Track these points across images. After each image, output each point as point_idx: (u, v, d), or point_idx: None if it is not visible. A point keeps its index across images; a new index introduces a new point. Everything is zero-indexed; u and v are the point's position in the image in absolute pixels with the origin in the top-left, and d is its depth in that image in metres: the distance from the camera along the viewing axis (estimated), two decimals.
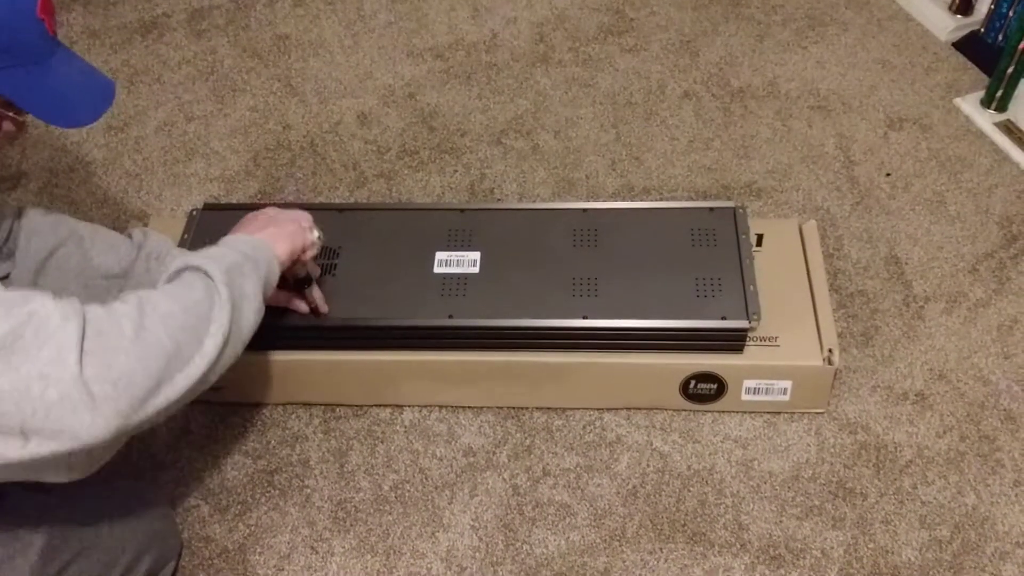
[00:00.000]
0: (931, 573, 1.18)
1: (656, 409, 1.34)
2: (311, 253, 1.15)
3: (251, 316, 0.97)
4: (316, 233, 1.15)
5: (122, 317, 0.84)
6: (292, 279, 1.22)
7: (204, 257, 0.96)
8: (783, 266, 1.36)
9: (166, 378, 0.85)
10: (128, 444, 1.34)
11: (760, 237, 1.39)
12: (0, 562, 0.99)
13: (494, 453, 1.32)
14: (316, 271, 1.27)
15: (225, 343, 0.91)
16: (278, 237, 1.08)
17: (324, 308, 1.27)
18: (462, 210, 1.39)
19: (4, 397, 0.76)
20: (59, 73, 0.89)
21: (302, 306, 1.26)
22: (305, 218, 1.14)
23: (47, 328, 0.78)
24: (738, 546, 1.21)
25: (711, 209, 1.36)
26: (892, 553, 1.20)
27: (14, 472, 0.80)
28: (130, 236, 1.21)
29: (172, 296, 0.90)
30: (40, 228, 1.13)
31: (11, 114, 0.91)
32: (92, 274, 1.16)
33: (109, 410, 0.79)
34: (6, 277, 1.12)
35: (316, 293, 1.26)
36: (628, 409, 1.35)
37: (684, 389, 1.30)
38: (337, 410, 1.37)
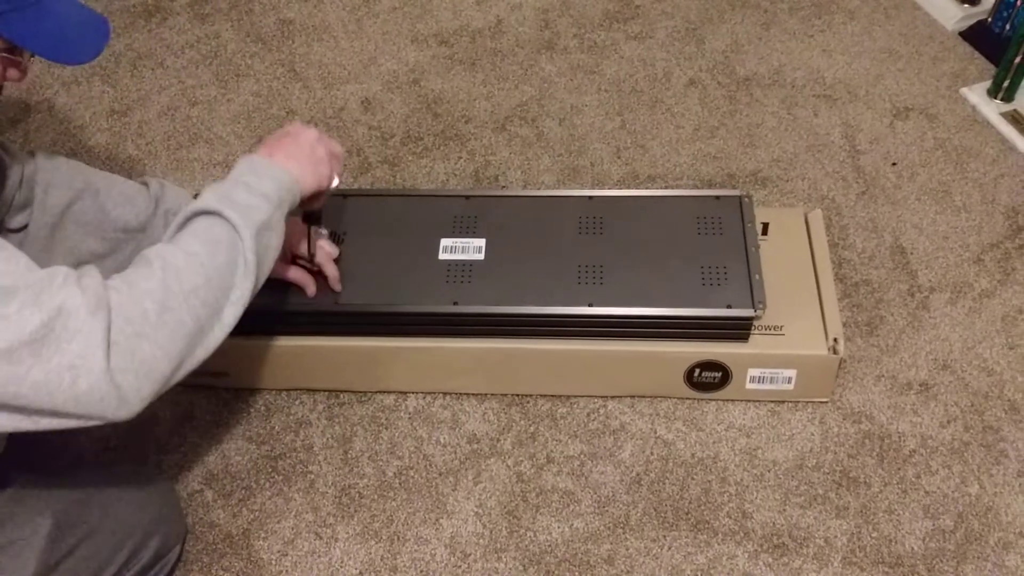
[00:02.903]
0: (934, 562, 1.18)
1: (660, 397, 1.34)
2: (324, 196, 1.12)
3: (269, 267, 0.99)
4: (336, 180, 1.11)
5: (145, 297, 0.87)
6: (302, 213, 1.17)
7: (236, 208, 0.95)
8: (788, 255, 1.36)
9: (188, 355, 0.90)
10: (132, 431, 1.35)
11: (766, 226, 1.39)
12: (7, 545, 0.99)
13: (498, 440, 1.32)
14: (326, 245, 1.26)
15: (244, 307, 0.94)
16: (308, 171, 1.05)
17: (335, 281, 1.26)
18: (467, 197, 1.39)
19: (38, 387, 0.80)
20: (56, 12, 0.90)
21: (310, 287, 1.25)
22: (334, 151, 1.11)
23: (76, 322, 0.81)
24: (741, 534, 1.22)
25: (717, 197, 1.36)
26: (895, 542, 1.20)
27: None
28: (146, 185, 1.19)
29: (197, 264, 0.91)
30: (56, 180, 1.12)
31: (15, 57, 0.91)
32: (109, 227, 1.15)
33: (134, 397, 0.85)
34: (23, 228, 1.11)
35: (331, 270, 1.25)
36: (632, 397, 1.35)
37: (689, 377, 1.30)
38: (341, 396, 1.37)
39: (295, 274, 1.25)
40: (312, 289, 1.26)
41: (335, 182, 1.11)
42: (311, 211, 1.17)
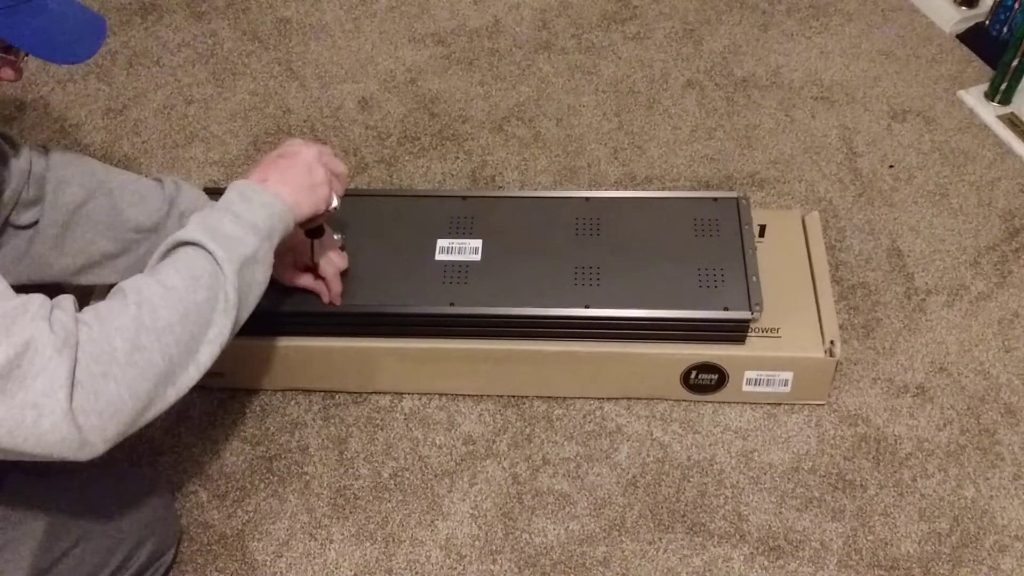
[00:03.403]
0: (930, 565, 1.18)
1: (657, 399, 1.34)
2: (331, 208, 1.07)
3: (253, 302, 0.96)
4: (335, 201, 1.07)
5: (116, 334, 0.83)
6: (305, 230, 1.14)
7: (220, 242, 0.91)
8: (785, 257, 1.36)
9: (157, 396, 0.86)
10: None
11: (763, 228, 1.39)
12: (1, 548, 0.99)
13: (494, 441, 1.31)
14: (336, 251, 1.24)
15: (222, 346, 0.91)
16: (304, 195, 1.01)
17: (336, 296, 1.24)
18: (464, 197, 1.38)
19: (0, 424, 0.78)
20: (51, 11, 0.89)
21: (324, 295, 1.24)
22: (336, 170, 1.07)
23: (42, 359, 0.79)
24: (737, 537, 1.21)
25: (714, 199, 1.36)
26: (891, 545, 1.20)
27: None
28: (160, 182, 1.16)
29: (175, 299, 0.87)
30: (68, 177, 1.10)
31: (9, 56, 0.90)
32: (122, 227, 1.12)
33: (97, 438, 0.82)
34: (34, 224, 1.09)
35: (335, 286, 1.23)
36: (629, 399, 1.35)
37: (685, 379, 1.30)
38: (337, 397, 1.36)
39: (305, 282, 1.24)
40: (327, 297, 1.24)
41: (335, 203, 1.07)
42: (312, 228, 1.14)
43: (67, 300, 0.85)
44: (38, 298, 0.82)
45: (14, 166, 1.07)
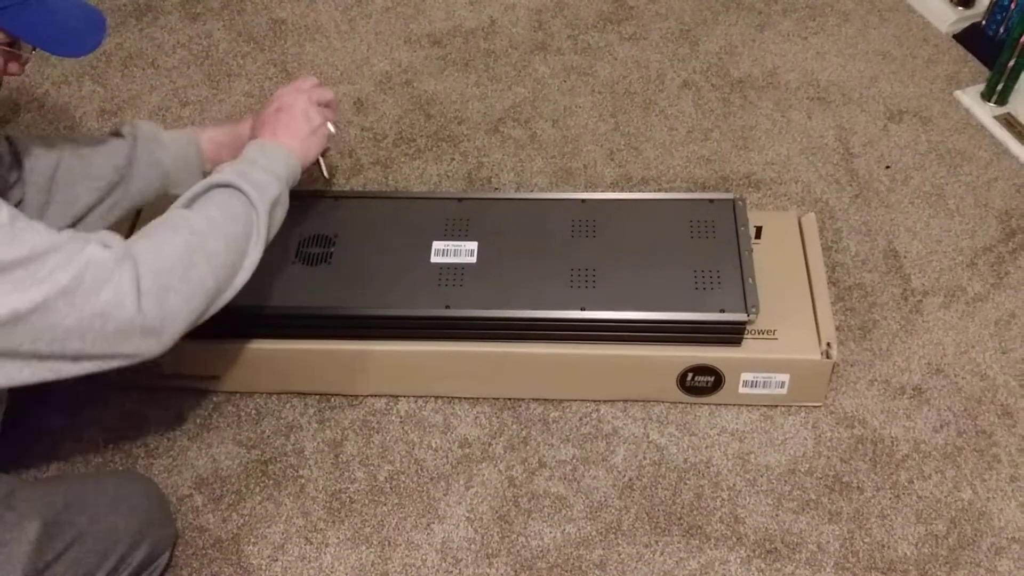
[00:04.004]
0: (927, 567, 1.18)
1: (653, 401, 1.34)
2: (328, 150, 1.25)
3: (271, 237, 1.08)
4: (332, 128, 1.24)
5: (172, 255, 0.95)
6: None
7: (253, 185, 1.05)
8: (782, 259, 1.35)
9: (205, 311, 0.99)
10: (122, 435, 1.34)
11: (759, 229, 1.38)
12: None
13: (490, 444, 1.31)
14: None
15: (251, 273, 1.04)
16: (310, 141, 1.17)
17: (326, 173, 1.35)
18: (459, 199, 1.38)
19: (71, 333, 0.88)
20: (55, 7, 0.95)
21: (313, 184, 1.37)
22: (323, 98, 1.23)
23: (104, 272, 0.89)
24: (734, 539, 1.21)
25: (710, 201, 1.36)
26: (888, 547, 1.20)
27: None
28: (119, 133, 1.25)
29: (217, 230, 1.00)
30: (36, 151, 1.18)
31: (15, 51, 0.96)
32: (97, 176, 1.20)
33: (153, 341, 0.94)
34: (20, 202, 1.17)
35: (325, 160, 1.33)
36: (625, 401, 1.34)
37: (681, 381, 1.30)
38: (332, 400, 1.36)
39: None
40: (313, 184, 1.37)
41: (334, 130, 1.24)
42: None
43: (112, 232, 0.96)
44: (84, 233, 0.93)
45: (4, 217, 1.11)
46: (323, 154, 1.29)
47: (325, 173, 1.34)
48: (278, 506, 1.26)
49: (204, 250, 0.98)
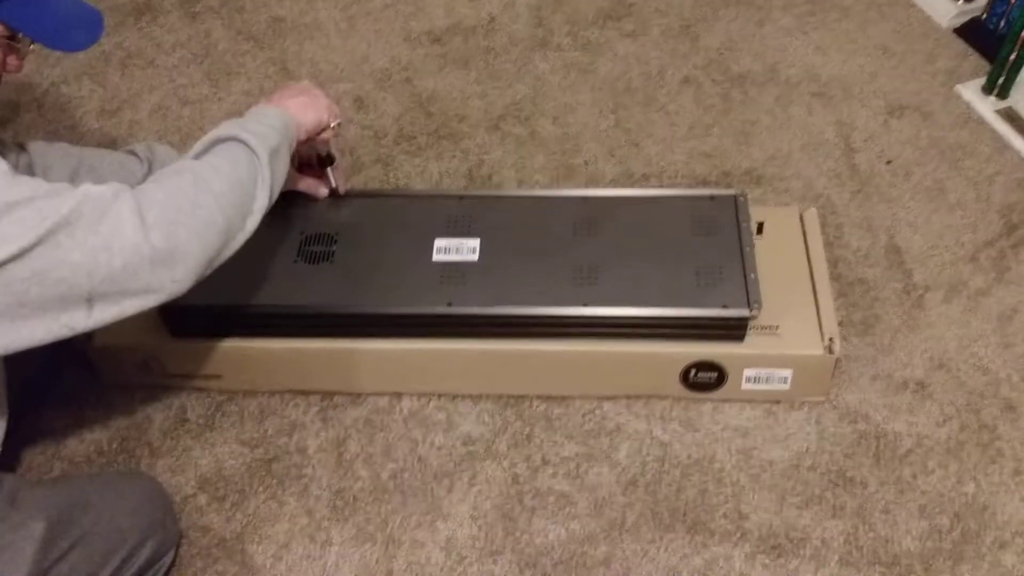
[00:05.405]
0: (931, 562, 1.18)
1: (656, 398, 1.34)
2: (329, 133, 1.22)
3: (278, 189, 1.08)
4: (338, 119, 1.23)
5: (178, 192, 0.95)
6: (316, 158, 1.31)
7: (251, 133, 1.04)
8: (784, 254, 1.35)
9: (220, 249, 0.98)
10: (125, 434, 1.34)
11: (761, 225, 1.38)
12: (1, 549, 0.98)
13: (493, 442, 1.31)
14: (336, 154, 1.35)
15: (262, 217, 1.03)
16: (308, 108, 1.17)
17: (343, 187, 1.36)
18: (461, 197, 1.38)
19: (77, 269, 0.88)
20: (55, 3, 0.98)
21: (322, 190, 1.34)
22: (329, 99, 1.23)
23: (102, 204, 0.89)
24: (738, 535, 1.21)
25: (712, 197, 1.35)
26: (892, 542, 1.20)
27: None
28: (134, 153, 1.26)
29: (222, 174, 0.99)
30: (51, 163, 1.19)
31: (15, 44, 0.98)
32: None
33: (165, 274, 0.92)
34: None
35: (337, 172, 1.33)
36: (628, 398, 1.34)
37: (684, 378, 1.30)
38: (335, 398, 1.36)
39: (305, 184, 1.33)
40: (323, 191, 1.35)
41: (337, 119, 1.22)
42: (322, 154, 1.29)
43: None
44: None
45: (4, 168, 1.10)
46: (332, 166, 1.32)
47: (334, 183, 1.35)
48: (282, 505, 1.26)
49: (210, 190, 0.97)
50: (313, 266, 1.29)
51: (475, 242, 1.31)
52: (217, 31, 1.91)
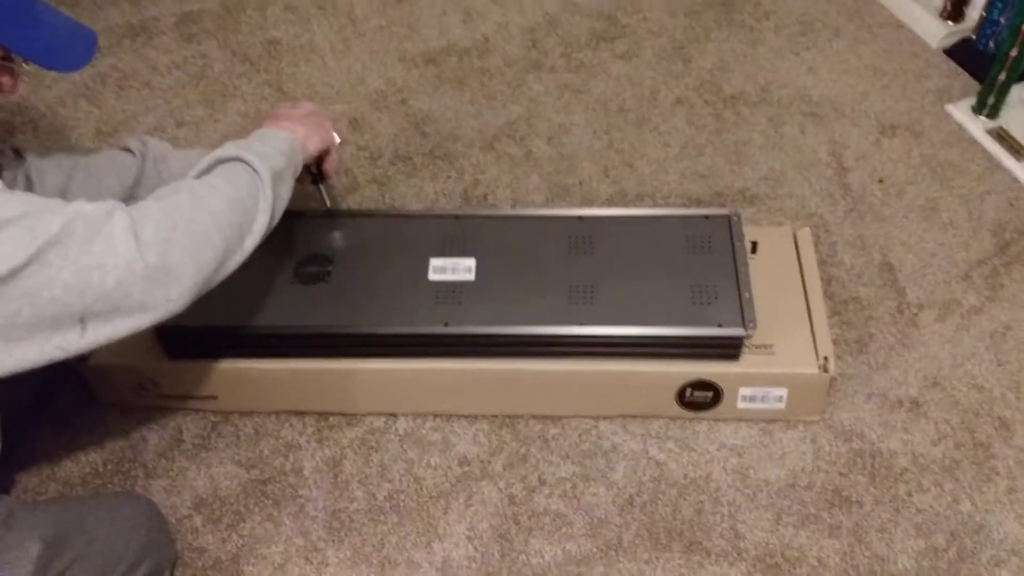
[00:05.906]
0: None
1: (652, 417, 1.34)
2: (335, 156, 1.26)
3: (279, 215, 1.08)
4: (338, 139, 1.26)
5: (173, 210, 0.95)
6: (309, 176, 1.30)
7: (256, 154, 1.05)
8: (778, 273, 1.36)
9: (216, 268, 0.97)
10: (121, 455, 1.33)
11: (755, 244, 1.39)
12: None
13: (489, 462, 1.31)
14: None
15: (262, 238, 1.04)
16: (312, 133, 1.18)
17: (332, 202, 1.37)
18: (457, 217, 1.38)
19: (69, 289, 0.87)
20: (47, 22, 0.98)
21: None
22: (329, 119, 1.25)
23: (95, 223, 0.88)
24: (735, 555, 1.21)
25: (706, 216, 1.36)
26: (888, 561, 1.20)
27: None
28: (128, 149, 1.26)
29: (221, 194, 1.00)
30: (47, 167, 1.19)
31: (9, 64, 0.98)
32: (107, 193, 1.20)
33: (160, 292, 0.91)
34: None
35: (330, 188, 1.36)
36: (624, 417, 1.34)
37: (680, 397, 1.30)
38: (331, 419, 1.36)
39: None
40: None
41: (338, 139, 1.25)
42: (321, 175, 1.30)
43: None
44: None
45: (4, 173, 1.14)
46: (324, 181, 1.32)
47: (328, 202, 1.35)
48: (277, 526, 1.26)
49: (207, 209, 0.97)
50: (309, 287, 1.29)
51: (471, 262, 1.31)
52: (213, 52, 1.92)
